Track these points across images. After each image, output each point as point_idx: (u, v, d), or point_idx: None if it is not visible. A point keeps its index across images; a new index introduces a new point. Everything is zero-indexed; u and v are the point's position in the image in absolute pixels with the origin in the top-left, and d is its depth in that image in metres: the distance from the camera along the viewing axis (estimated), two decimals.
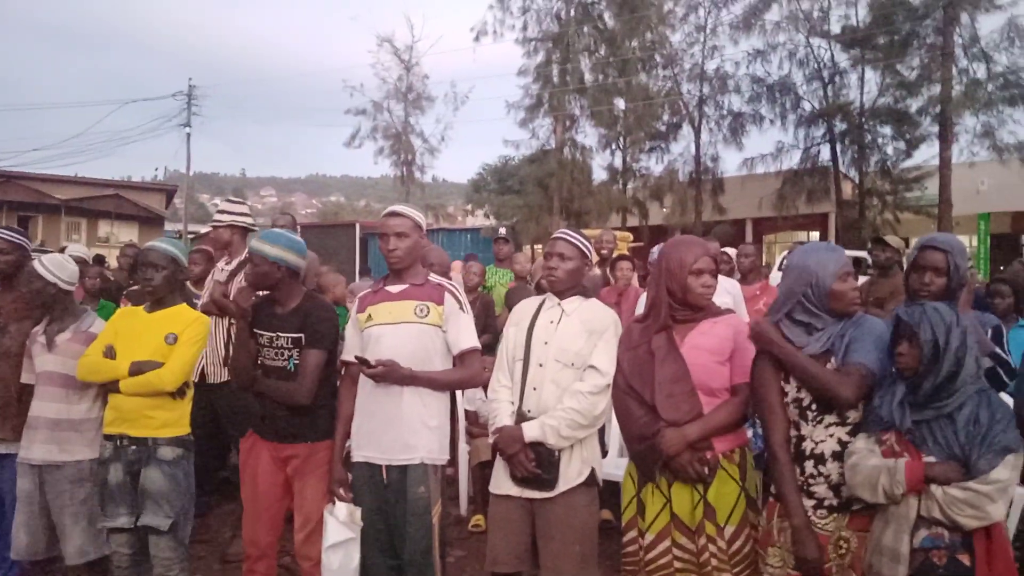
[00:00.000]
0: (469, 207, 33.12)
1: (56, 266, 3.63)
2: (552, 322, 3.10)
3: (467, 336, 3.23)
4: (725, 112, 25.89)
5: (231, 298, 4.64)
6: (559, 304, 3.14)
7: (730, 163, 27.20)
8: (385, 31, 28.17)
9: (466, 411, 5.26)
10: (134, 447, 3.35)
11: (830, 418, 2.49)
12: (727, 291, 5.22)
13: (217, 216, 4.91)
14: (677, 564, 2.69)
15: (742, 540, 2.67)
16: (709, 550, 2.63)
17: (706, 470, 2.65)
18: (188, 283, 4.56)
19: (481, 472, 4.89)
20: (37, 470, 3.50)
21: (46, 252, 5.06)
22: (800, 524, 2.45)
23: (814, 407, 2.50)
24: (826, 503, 2.48)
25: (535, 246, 23.79)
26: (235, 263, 4.79)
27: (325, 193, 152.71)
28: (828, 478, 2.48)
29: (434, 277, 3.35)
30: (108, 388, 3.42)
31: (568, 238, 3.19)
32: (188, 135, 31.44)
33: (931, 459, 2.26)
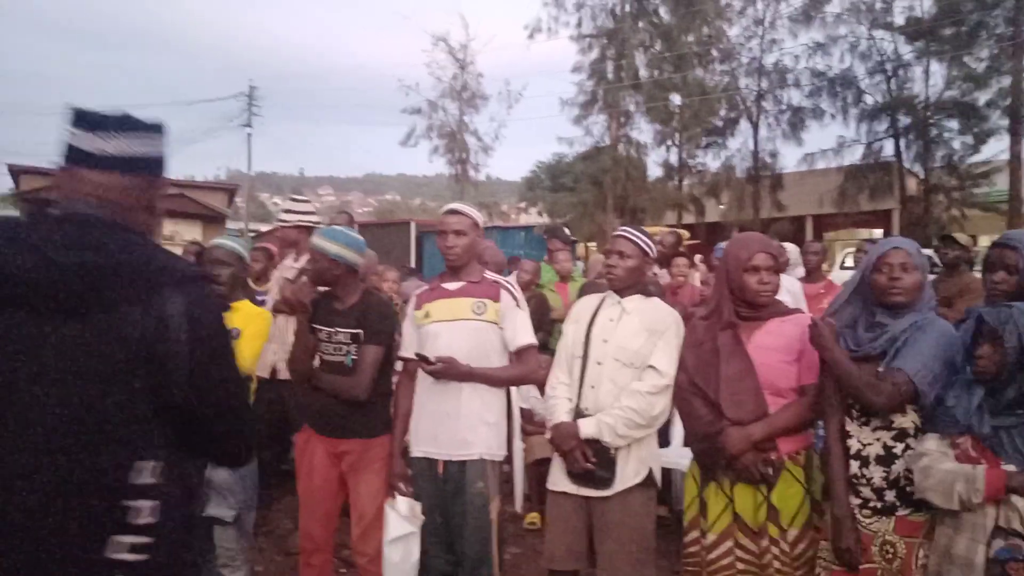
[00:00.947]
0: (523, 205, 33.14)
1: None
2: (612, 320, 3.07)
3: (524, 333, 3.23)
4: (784, 107, 25.40)
5: (290, 292, 4.74)
6: (620, 302, 3.11)
7: (789, 159, 26.52)
8: (440, 30, 28.21)
9: (521, 409, 5.25)
10: None
11: (876, 421, 2.46)
12: (787, 289, 5.12)
13: (284, 215, 5.00)
14: (739, 565, 2.65)
15: (805, 543, 2.62)
16: (772, 552, 2.58)
17: (770, 471, 2.60)
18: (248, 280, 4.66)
19: (537, 470, 4.88)
20: None
21: None
22: (841, 515, 2.45)
23: (857, 408, 2.49)
24: (870, 504, 2.45)
25: (589, 244, 23.72)
26: (302, 261, 4.88)
27: (381, 192, 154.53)
28: (871, 481, 2.45)
29: (490, 274, 3.35)
30: None
31: (629, 236, 3.16)
32: (249, 135, 32.18)
33: (1011, 467, 2.17)
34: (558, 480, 3.08)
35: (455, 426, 3.10)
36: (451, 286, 3.26)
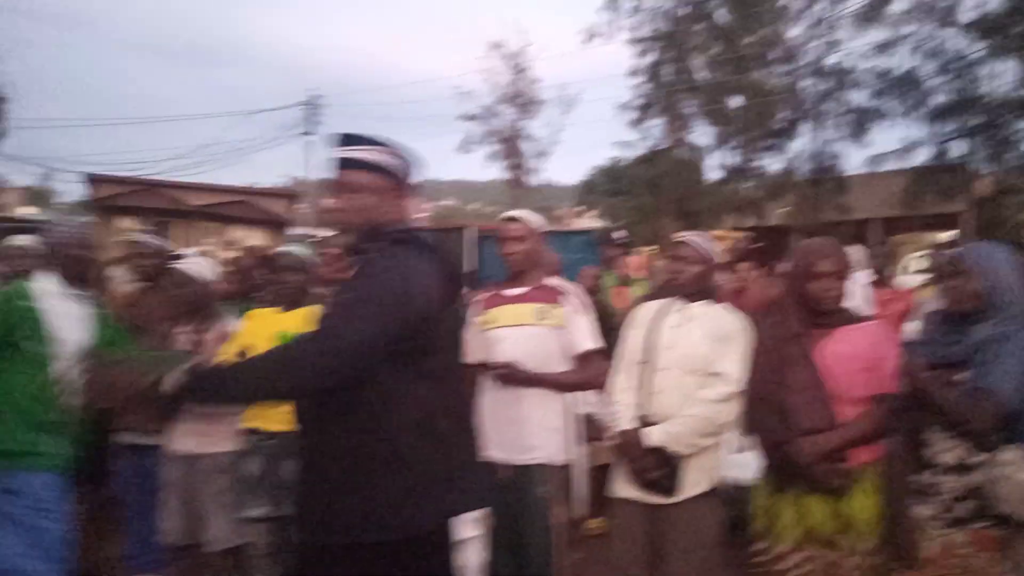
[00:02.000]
0: (579, 209, 33.06)
1: (202, 268, 3.88)
2: (677, 326, 3.05)
3: (588, 337, 3.24)
4: (847, 108, 24.77)
5: None
6: (685, 308, 3.09)
7: (854, 161, 25.88)
8: (495, 37, 28.37)
9: (585, 413, 5.24)
10: (272, 440, 3.52)
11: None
12: (856, 293, 5.00)
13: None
14: None
15: (878, 555, 2.56)
16: (846, 563, 2.53)
17: (843, 481, 2.55)
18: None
19: (599, 475, 4.87)
20: (182, 460, 3.73)
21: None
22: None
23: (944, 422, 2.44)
24: (944, 515, 2.42)
25: (647, 248, 23.52)
26: None
27: (438, 197, 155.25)
28: (946, 491, 2.42)
29: (552, 280, 3.37)
30: None
31: (692, 242, 3.14)
32: (309, 143, 32.78)
33: None
34: (621, 487, 3.07)
35: (518, 431, 3.12)
36: (513, 292, 3.28)
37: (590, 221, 29.92)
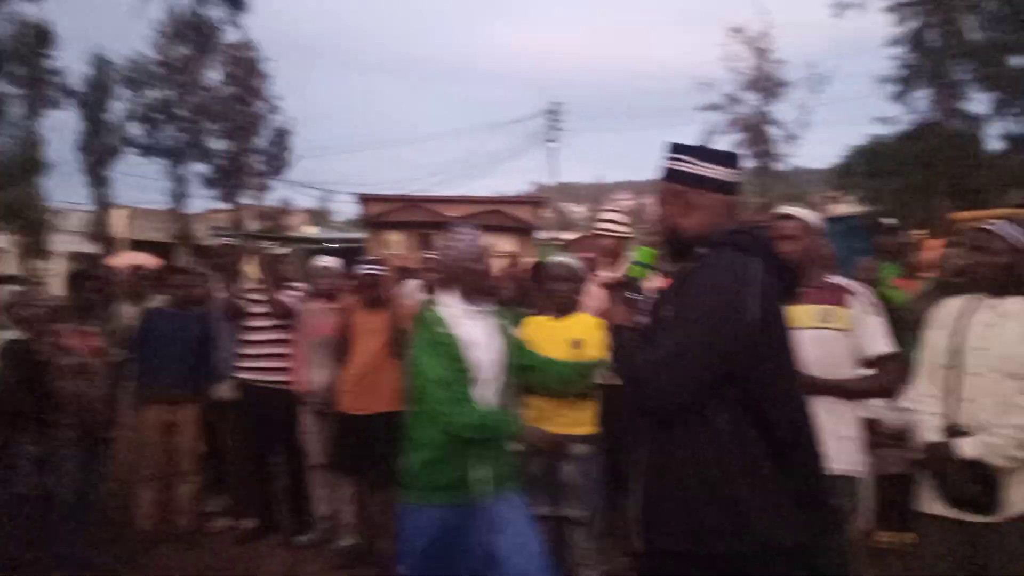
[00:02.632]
0: (835, 194, 30.84)
1: None
2: (989, 325, 2.75)
3: (880, 340, 3.02)
4: None
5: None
6: (997, 305, 2.77)
7: None
8: (736, 21, 27.32)
9: (866, 419, 4.89)
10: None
11: None
12: None
13: (605, 225, 5.13)
14: None
15: None
16: None
17: None
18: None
19: (886, 484, 4.52)
20: None
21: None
22: None
23: None
24: None
25: (918, 232, 21.37)
26: (620, 272, 5.01)
27: None
28: None
29: (835, 278, 3.18)
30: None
31: (999, 228, 2.81)
32: (553, 150, 33.76)
33: None
34: (929, 503, 2.82)
35: None
36: None
37: (848, 206, 27.84)
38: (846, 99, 28.90)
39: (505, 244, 30.17)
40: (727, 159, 2.06)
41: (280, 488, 5.41)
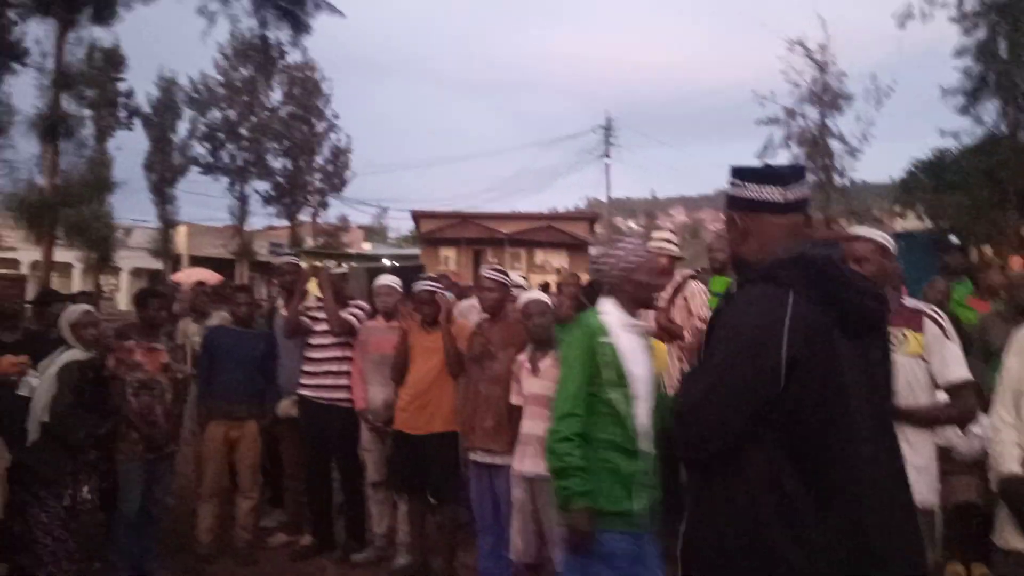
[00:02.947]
0: (897, 209, 30.05)
1: (545, 298, 4.13)
2: None
3: (956, 366, 2.90)
4: None
5: (666, 320, 4.81)
6: None
7: None
8: (795, 34, 26.89)
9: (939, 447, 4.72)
10: None
11: None
12: None
13: (659, 244, 5.10)
14: None
15: None
16: None
17: None
18: None
19: (958, 514, 4.34)
20: (528, 482, 3.95)
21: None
22: None
23: None
24: None
25: (984, 248, 20.68)
26: (670, 289, 4.97)
27: None
28: None
29: (911, 301, 3.07)
30: None
31: None
32: (607, 165, 33.69)
33: None
34: (1009, 537, 2.69)
35: None
36: None
37: (911, 221, 27.12)
38: (910, 112, 28.11)
39: (558, 260, 30.18)
40: (786, 178, 1.89)
41: (337, 505, 5.45)
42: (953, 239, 6.97)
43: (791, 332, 1.65)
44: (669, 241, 5.17)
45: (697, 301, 4.83)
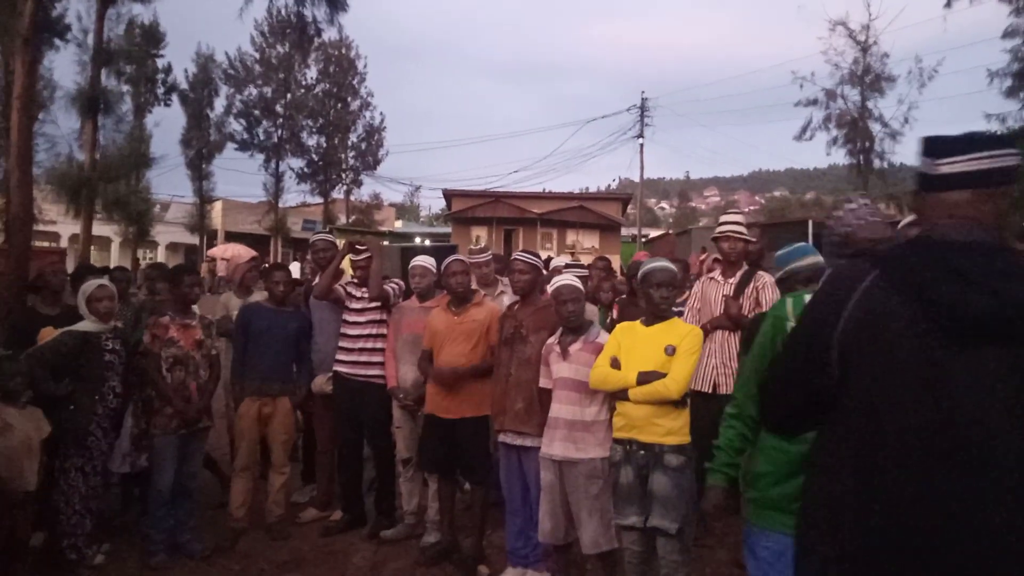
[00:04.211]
0: None
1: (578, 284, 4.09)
2: None
3: None
4: None
5: (735, 309, 4.69)
6: None
7: None
8: (837, 14, 26.30)
9: None
10: (642, 451, 3.57)
11: None
12: None
13: (737, 228, 4.94)
14: None
15: None
16: None
17: None
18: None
19: None
20: (557, 465, 3.94)
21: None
22: None
23: None
24: None
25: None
26: (738, 277, 4.85)
27: (768, 188, 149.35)
28: None
29: None
30: (616, 396, 3.72)
31: None
32: (641, 146, 33.34)
33: None
34: None
35: None
36: None
37: None
38: (955, 95, 27.43)
39: (589, 240, 30.04)
40: (937, 145, 1.63)
41: (368, 482, 5.49)
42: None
43: (852, 313, 1.50)
44: (740, 223, 5.02)
45: (769, 293, 4.71)
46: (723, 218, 5.18)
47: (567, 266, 5.69)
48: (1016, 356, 1.41)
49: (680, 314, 4.93)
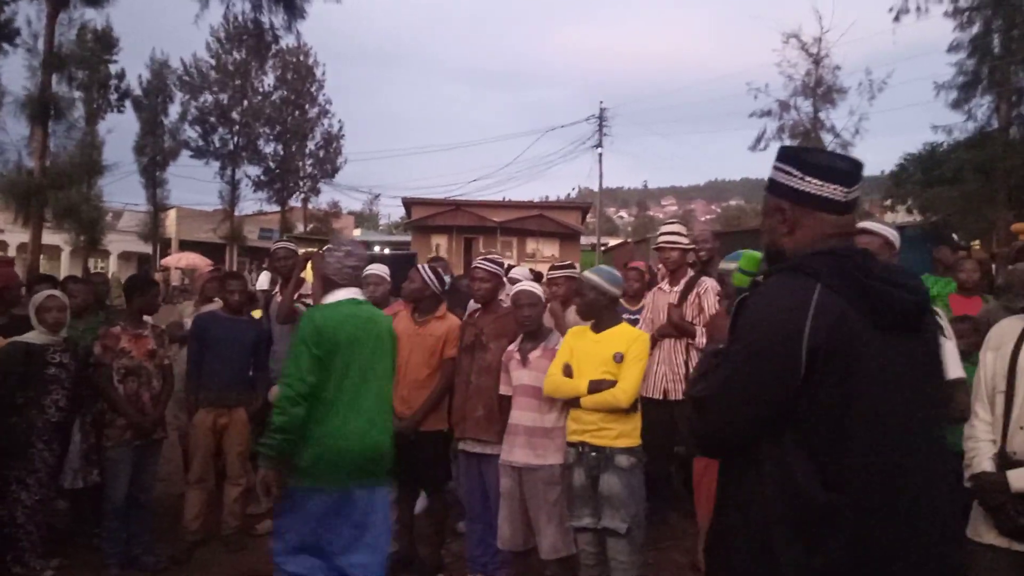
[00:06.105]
0: (888, 202, 30.18)
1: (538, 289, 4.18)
2: None
3: (953, 365, 2.92)
4: None
5: (678, 317, 4.79)
6: None
7: None
8: (791, 27, 26.87)
9: None
10: (594, 453, 3.64)
11: None
12: None
13: (673, 238, 5.08)
14: None
15: None
16: None
17: None
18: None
19: None
20: (517, 472, 3.99)
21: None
22: None
23: None
24: None
25: (973, 244, 20.78)
26: (682, 285, 4.97)
27: (724, 198, 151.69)
28: None
29: None
30: (569, 403, 3.79)
31: None
32: (600, 155, 33.63)
33: None
34: (981, 531, 2.72)
35: None
36: None
37: (901, 215, 27.25)
38: (903, 106, 28.19)
39: (549, 249, 30.21)
40: (851, 177, 1.74)
41: None
42: (955, 237, 6.91)
43: (814, 323, 1.57)
44: (679, 234, 5.14)
45: (711, 299, 4.82)
46: (662, 228, 5.34)
47: (553, 268, 5.67)
48: (925, 342, 1.71)
49: (635, 322, 5.04)
